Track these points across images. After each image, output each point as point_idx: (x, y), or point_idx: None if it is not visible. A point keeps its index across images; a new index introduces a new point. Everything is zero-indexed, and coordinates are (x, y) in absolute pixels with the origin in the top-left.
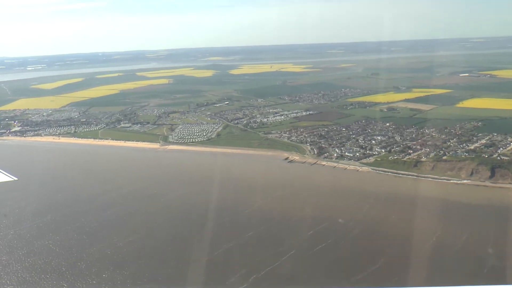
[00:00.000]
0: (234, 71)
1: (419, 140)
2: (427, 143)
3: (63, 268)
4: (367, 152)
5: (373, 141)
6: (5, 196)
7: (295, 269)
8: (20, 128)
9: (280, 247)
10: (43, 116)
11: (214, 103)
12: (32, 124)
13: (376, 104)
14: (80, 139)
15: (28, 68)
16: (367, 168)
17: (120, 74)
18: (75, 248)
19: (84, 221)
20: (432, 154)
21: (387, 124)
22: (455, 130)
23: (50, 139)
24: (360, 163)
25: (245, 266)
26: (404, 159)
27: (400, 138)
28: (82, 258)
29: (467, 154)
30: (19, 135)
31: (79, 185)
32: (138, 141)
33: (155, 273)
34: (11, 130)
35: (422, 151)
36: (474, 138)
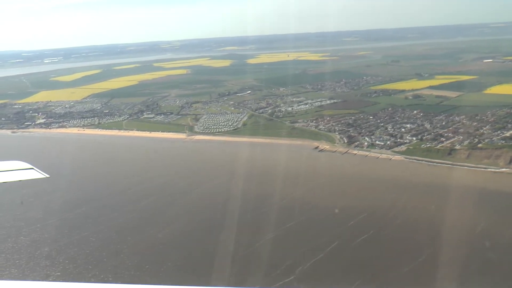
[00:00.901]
0: (252, 61)
1: (450, 128)
2: (459, 130)
3: (104, 259)
4: (398, 140)
5: (403, 129)
6: (39, 188)
7: (341, 261)
8: (44, 120)
9: (322, 238)
10: (66, 108)
11: (236, 93)
12: (55, 116)
13: (400, 91)
14: (105, 130)
15: (45, 61)
16: (399, 156)
17: (137, 65)
18: (113, 239)
19: (119, 213)
20: (466, 142)
21: (415, 111)
22: (486, 117)
23: (75, 130)
24: (392, 151)
25: (289, 258)
26: (437, 147)
27: (430, 126)
28: (122, 250)
29: (503, 142)
30: (44, 127)
31: (110, 176)
32: (164, 131)
33: (198, 264)
34: (36, 122)
35: (455, 138)
36: (509, 125)
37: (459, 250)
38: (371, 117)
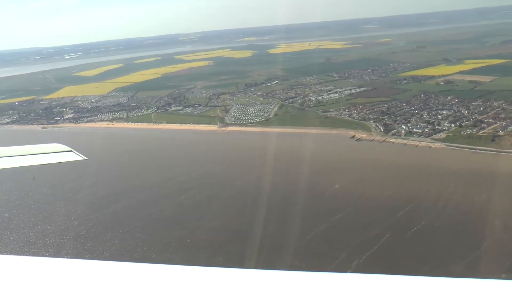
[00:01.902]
0: (274, 51)
1: (490, 113)
2: (500, 116)
3: (153, 255)
4: (436, 127)
5: (439, 116)
6: (77, 183)
7: (398, 254)
8: (72, 115)
9: (373, 230)
10: (92, 102)
11: (263, 83)
12: (83, 111)
13: (430, 77)
14: (134, 123)
15: (66, 57)
16: (440, 144)
17: (157, 58)
18: (158, 234)
19: (160, 207)
20: (510, 128)
21: (449, 97)
22: None
23: (104, 124)
24: (431, 139)
25: (343, 251)
26: (479, 133)
27: (468, 112)
28: (170, 244)
29: None
30: (73, 122)
31: (146, 170)
32: (195, 123)
33: (250, 258)
34: (64, 117)
35: (497, 124)
36: None
37: None
38: (404, 105)
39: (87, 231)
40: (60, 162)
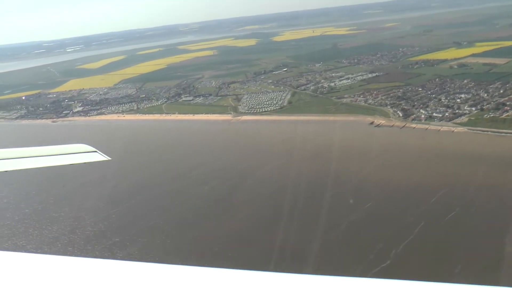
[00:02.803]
0: (277, 38)
1: (511, 96)
2: None
3: (182, 246)
4: (456, 111)
5: (458, 100)
6: (100, 174)
7: (436, 242)
8: (82, 108)
9: (406, 218)
10: (100, 94)
11: (272, 71)
12: (92, 103)
13: (442, 61)
14: (146, 115)
15: (67, 50)
16: (462, 128)
17: (160, 49)
18: (186, 227)
19: (184, 198)
20: None
21: (465, 81)
22: None
23: (114, 117)
24: (453, 123)
25: (379, 241)
26: (502, 116)
27: (487, 95)
28: (199, 238)
29: None
30: (82, 115)
31: (164, 161)
32: (208, 113)
33: (284, 251)
34: (74, 111)
35: None
36: None
37: None
38: (420, 89)
39: (117, 221)
40: (84, 163)
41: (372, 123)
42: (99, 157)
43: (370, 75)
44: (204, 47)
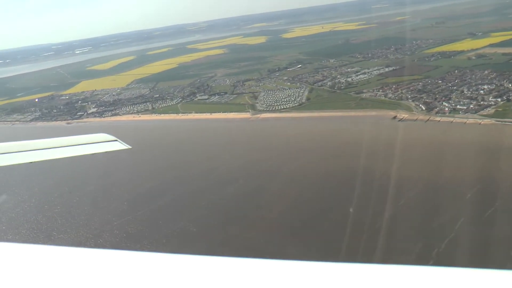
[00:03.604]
0: (287, 35)
1: None
2: None
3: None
4: (481, 103)
5: (481, 91)
6: (122, 176)
7: (480, 239)
8: (96, 109)
9: (443, 214)
10: (113, 95)
11: (286, 68)
12: (106, 104)
13: (458, 52)
14: (162, 115)
15: (76, 52)
16: (489, 120)
17: (169, 48)
18: (214, 229)
19: (210, 200)
20: None
21: (485, 72)
22: None
23: (130, 117)
24: (479, 115)
25: (418, 240)
26: None
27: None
28: (228, 242)
29: None
30: (97, 116)
31: (186, 161)
32: (225, 112)
33: (322, 251)
34: (88, 112)
35: None
36: None
37: None
38: (439, 81)
39: (145, 221)
40: (106, 152)
41: (395, 117)
42: (120, 146)
43: (386, 69)
44: (213, 46)
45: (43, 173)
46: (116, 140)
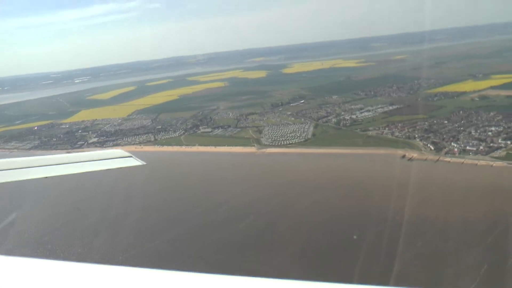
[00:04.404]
0: (288, 70)
1: None
2: None
3: None
4: (491, 145)
5: (489, 133)
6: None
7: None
8: (97, 139)
9: (465, 260)
10: (115, 125)
11: (289, 103)
12: (107, 134)
13: (461, 93)
14: (165, 146)
15: (75, 81)
16: (501, 162)
17: (169, 80)
18: (228, 266)
19: (222, 236)
20: None
21: (491, 113)
22: None
23: (132, 148)
24: (490, 157)
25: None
26: None
27: None
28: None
29: None
30: (98, 146)
31: (192, 195)
32: (230, 145)
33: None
34: (89, 142)
35: None
36: None
37: None
38: (445, 122)
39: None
40: (120, 167)
41: (404, 156)
42: (134, 162)
43: (390, 107)
44: (214, 79)
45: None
46: (131, 156)
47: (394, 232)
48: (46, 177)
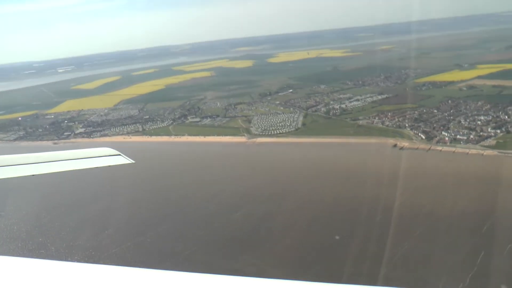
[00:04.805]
0: (273, 60)
1: None
2: None
3: None
4: (481, 134)
5: (479, 122)
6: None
7: (503, 273)
8: (84, 129)
9: (462, 249)
10: (101, 116)
11: (277, 92)
12: (94, 125)
13: (449, 83)
14: (153, 137)
15: (59, 70)
16: (492, 151)
17: (155, 69)
18: (226, 258)
19: (217, 225)
20: None
21: (479, 103)
22: None
23: (120, 138)
24: (481, 146)
25: (441, 275)
26: None
27: (508, 117)
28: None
29: None
30: (85, 137)
31: (186, 185)
32: (219, 135)
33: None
34: (75, 132)
35: None
36: None
37: None
38: (435, 111)
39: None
40: (109, 166)
41: (395, 145)
42: (123, 160)
43: (379, 97)
44: (200, 68)
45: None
46: (119, 155)
47: (395, 218)
48: (34, 175)
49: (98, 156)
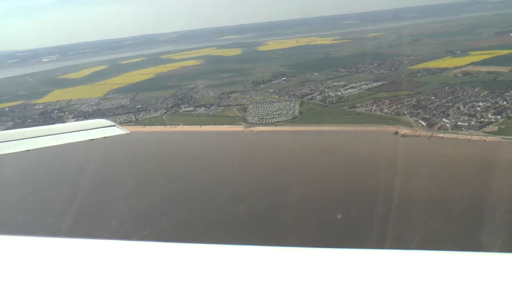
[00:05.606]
0: (263, 48)
1: None
2: None
3: None
4: (481, 120)
5: (478, 108)
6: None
7: None
8: (75, 119)
9: (480, 236)
10: (92, 105)
11: (270, 80)
12: (85, 115)
13: (443, 69)
14: (148, 126)
15: (43, 60)
16: (494, 137)
17: (143, 58)
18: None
19: (224, 217)
20: None
21: (475, 89)
22: None
23: None
24: (483, 132)
25: None
26: None
27: (506, 103)
28: None
29: None
30: None
31: (185, 175)
32: (215, 124)
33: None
34: (67, 123)
35: None
36: None
37: None
38: (432, 97)
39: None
40: (105, 137)
41: (396, 133)
42: (118, 131)
43: (375, 84)
44: (188, 57)
45: None
46: (114, 125)
47: (383, 208)
48: (28, 150)
49: (94, 128)
